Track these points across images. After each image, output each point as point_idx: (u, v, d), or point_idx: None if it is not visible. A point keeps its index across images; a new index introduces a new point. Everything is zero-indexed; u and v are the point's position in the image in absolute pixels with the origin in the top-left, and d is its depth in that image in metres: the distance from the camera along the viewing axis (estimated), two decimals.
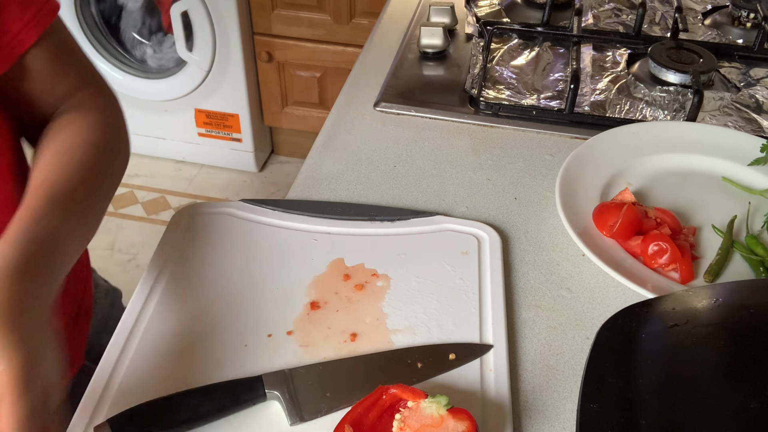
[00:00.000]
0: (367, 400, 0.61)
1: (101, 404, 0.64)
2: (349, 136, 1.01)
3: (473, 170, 0.95)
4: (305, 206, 0.85)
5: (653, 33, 1.24)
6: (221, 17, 2.24)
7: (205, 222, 0.83)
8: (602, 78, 1.11)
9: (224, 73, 2.35)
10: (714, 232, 0.85)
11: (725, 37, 1.24)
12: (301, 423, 0.63)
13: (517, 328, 0.74)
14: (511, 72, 1.12)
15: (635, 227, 0.81)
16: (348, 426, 0.59)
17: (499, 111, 1.05)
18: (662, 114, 1.04)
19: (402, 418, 0.59)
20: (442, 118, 1.05)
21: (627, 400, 0.56)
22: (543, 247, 0.84)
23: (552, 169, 0.95)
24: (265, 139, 2.69)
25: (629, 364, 0.59)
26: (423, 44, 1.17)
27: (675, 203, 0.88)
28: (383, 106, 1.06)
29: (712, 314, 0.63)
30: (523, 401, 0.67)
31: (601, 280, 0.79)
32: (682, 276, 0.78)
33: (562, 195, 0.85)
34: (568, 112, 1.04)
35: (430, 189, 0.92)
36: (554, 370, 0.70)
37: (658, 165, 0.95)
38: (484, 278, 0.77)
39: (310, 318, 0.73)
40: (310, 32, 2.31)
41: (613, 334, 0.62)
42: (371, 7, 2.20)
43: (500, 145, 1.00)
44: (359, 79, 1.14)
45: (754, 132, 1.01)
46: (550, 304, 0.77)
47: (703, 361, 0.58)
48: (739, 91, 1.09)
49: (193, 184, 2.64)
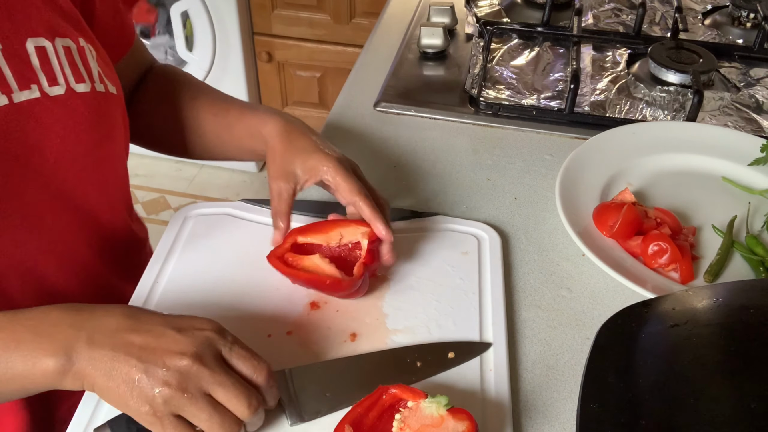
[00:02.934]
0: (367, 401, 0.61)
1: (101, 404, 0.64)
2: (349, 136, 1.01)
3: (473, 170, 0.95)
4: (305, 206, 0.85)
5: (653, 33, 1.24)
6: (221, 17, 2.24)
7: (205, 222, 0.83)
8: (602, 78, 1.11)
9: (224, 73, 2.35)
10: (714, 232, 0.85)
11: (725, 37, 1.24)
12: (301, 423, 0.63)
13: (517, 328, 0.74)
14: (511, 72, 1.12)
15: (635, 227, 0.81)
16: (348, 426, 0.59)
17: (499, 111, 1.05)
18: (662, 114, 1.04)
19: (402, 418, 0.59)
20: (442, 118, 1.05)
21: (627, 400, 0.56)
22: (543, 247, 0.84)
23: (552, 169, 0.95)
24: None
25: (629, 364, 0.59)
26: (423, 44, 1.17)
27: (675, 203, 0.88)
28: (383, 106, 1.06)
29: (712, 314, 0.63)
30: (523, 401, 0.67)
31: (601, 280, 0.79)
32: (682, 276, 0.78)
33: (562, 195, 0.85)
34: (568, 112, 1.04)
35: (430, 189, 0.92)
36: (554, 370, 0.70)
37: (658, 165, 0.95)
38: (484, 278, 0.77)
39: (309, 318, 0.73)
40: (310, 32, 2.31)
41: (613, 334, 0.62)
42: (371, 7, 2.20)
43: (500, 145, 1.00)
44: (359, 79, 1.14)
45: (754, 132, 1.01)
46: (550, 304, 0.77)
47: (703, 361, 0.58)
48: (739, 91, 1.09)
49: (193, 184, 2.64)
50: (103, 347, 0.56)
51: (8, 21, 0.66)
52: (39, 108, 0.67)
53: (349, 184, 0.73)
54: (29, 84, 0.67)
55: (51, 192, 0.70)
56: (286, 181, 0.75)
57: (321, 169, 0.74)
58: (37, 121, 0.67)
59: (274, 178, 0.75)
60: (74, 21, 0.73)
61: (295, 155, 0.75)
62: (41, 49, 0.68)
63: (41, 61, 0.68)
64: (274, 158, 0.76)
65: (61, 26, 0.71)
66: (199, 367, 0.56)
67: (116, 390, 0.56)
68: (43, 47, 0.68)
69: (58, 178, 0.70)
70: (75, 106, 0.70)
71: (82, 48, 0.72)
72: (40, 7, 0.69)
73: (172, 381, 0.55)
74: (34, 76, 0.67)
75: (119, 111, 0.77)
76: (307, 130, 0.79)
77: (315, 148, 0.75)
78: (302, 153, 0.75)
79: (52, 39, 0.69)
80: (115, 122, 0.76)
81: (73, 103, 0.70)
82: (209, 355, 0.57)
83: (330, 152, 0.75)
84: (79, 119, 0.70)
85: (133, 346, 0.57)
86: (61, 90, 0.69)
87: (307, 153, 0.75)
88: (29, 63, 0.67)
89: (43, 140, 0.68)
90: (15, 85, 0.66)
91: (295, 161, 0.75)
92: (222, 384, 0.57)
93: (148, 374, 0.56)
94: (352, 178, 0.74)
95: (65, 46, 0.70)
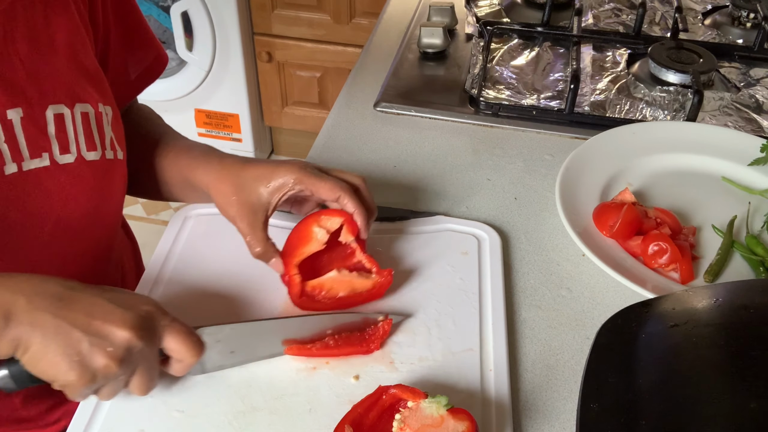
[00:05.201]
0: (368, 400, 0.61)
1: (98, 409, 0.64)
2: (349, 136, 1.01)
3: (473, 170, 0.95)
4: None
5: (653, 33, 1.24)
6: (221, 17, 2.24)
7: (205, 222, 0.83)
8: (602, 78, 1.11)
9: (224, 73, 2.35)
10: (714, 232, 0.85)
11: (725, 37, 1.24)
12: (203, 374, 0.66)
13: (517, 328, 0.74)
14: (511, 72, 1.12)
15: (635, 227, 0.81)
16: (348, 426, 0.59)
17: (499, 111, 1.05)
18: (662, 114, 1.04)
19: (402, 419, 0.59)
20: (442, 118, 1.05)
21: (627, 400, 0.56)
22: (543, 247, 0.84)
23: (552, 169, 0.95)
24: (265, 139, 2.68)
25: (629, 364, 0.59)
26: (423, 44, 1.17)
27: (675, 203, 0.88)
28: (383, 106, 1.06)
29: (712, 314, 0.63)
30: (523, 401, 0.67)
31: (601, 280, 0.79)
32: (682, 276, 0.78)
33: (562, 195, 0.85)
34: (568, 112, 1.04)
35: (430, 189, 0.92)
36: (554, 370, 0.70)
37: (658, 165, 0.95)
38: (484, 278, 0.77)
39: None
40: (310, 32, 2.30)
41: (613, 334, 0.62)
42: (371, 7, 2.20)
43: (500, 145, 1.00)
44: (359, 79, 1.14)
45: (754, 132, 1.01)
46: (550, 304, 0.77)
47: (703, 361, 0.58)
48: (739, 91, 1.09)
49: None
50: (45, 312, 0.55)
51: (34, 87, 0.66)
52: (46, 175, 0.67)
53: (326, 182, 0.71)
54: (41, 152, 0.66)
55: (43, 256, 0.70)
56: (254, 213, 0.72)
57: (288, 183, 0.71)
58: (42, 189, 0.67)
59: (239, 218, 0.72)
60: (96, 81, 0.73)
61: (253, 184, 0.72)
62: (59, 117, 0.68)
63: (57, 128, 0.68)
64: (228, 201, 0.72)
65: (84, 90, 0.71)
66: (142, 344, 0.57)
67: (52, 358, 0.55)
68: (62, 114, 0.68)
69: (53, 243, 0.70)
70: (82, 173, 0.70)
71: (100, 114, 0.72)
72: (66, 71, 0.69)
73: (115, 356, 0.56)
74: (48, 145, 0.67)
75: (122, 174, 0.77)
76: (245, 160, 0.74)
77: (271, 168, 0.72)
78: (259, 179, 0.72)
79: (72, 105, 0.69)
80: (117, 187, 0.76)
81: (81, 171, 0.70)
82: (150, 331, 0.58)
83: (288, 163, 0.72)
84: (83, 187, 0.70)
85: (77, 317, 0.56)
86: (71, 158, 0.69)
87: (265, 176, 0.71)
88: (45, 131, 0.67)
89: (45, 207, 0.68)
90: (27, 153, 0.65)
91: (256, 189, 0.71)
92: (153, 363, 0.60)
93: (93, 347, 0.55)
94: (325, 176, 0.72)
95: (83, 112, 0.70)
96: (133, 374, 0.59)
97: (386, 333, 0.69)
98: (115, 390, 0.59)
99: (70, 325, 0.55)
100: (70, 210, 0.70)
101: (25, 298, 0.56)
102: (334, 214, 0.73)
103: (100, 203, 0.74)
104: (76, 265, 0.75)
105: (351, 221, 0.72)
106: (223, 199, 0.73)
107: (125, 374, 0.58)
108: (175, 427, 0.62)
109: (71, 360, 0.55)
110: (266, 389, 0.66)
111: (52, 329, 0.55)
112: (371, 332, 0.69)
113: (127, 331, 0.56)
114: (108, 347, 0.56)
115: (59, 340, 0.55)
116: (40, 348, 0.55)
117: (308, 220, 0.74)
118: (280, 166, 0.72)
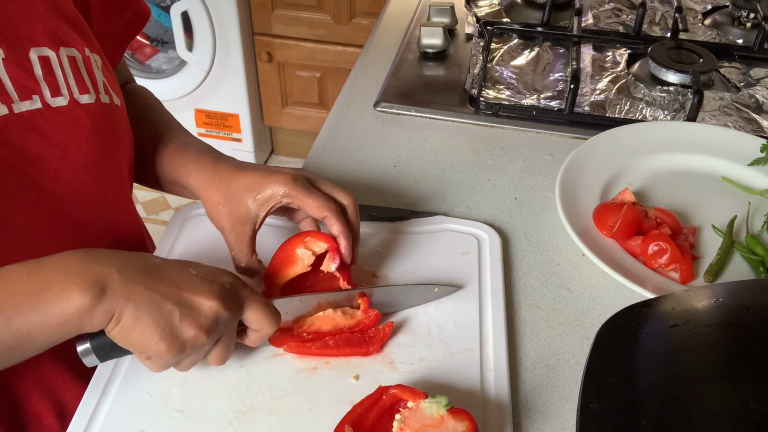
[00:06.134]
0: (368, 401, 0.61)
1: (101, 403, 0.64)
2: (349, 136, 1.01)
3: (473, 170, 0.95)
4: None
5: (653, 33, 1.24)
6: (221, 17, 2.24)
7: (205, 222, 0.83)
8: (602, 78, 1.11)
9: (224, 73, 2.35)
10: (714, 232, 0.85)
11: (725, 37, 1.24)
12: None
13: (517, 328, 0.74)
14: (511, 72, 1.12)
15: (635, 227, 0.81)
16: (348, 426, 0.59)
17: (499, 111, 1.05)
18: (662, 114, 1.04)
19: (402, 419, 0.59)
20: (442, 118, 1.05)
21: (627, 400, 0.56)
22: (543, 247, 0.84)
23: (552, 169, 0.95)
24: (265, 139, 2.68)
25: (629, 364, 0.59)
26: (423, 44, 1.17)
27: (675, 203, 0.88)
28: (383, 106, 1.06)
29: (712, 314, 0.63)
30: (523, 401, 0.67)
31: (601, 280, 0.79)
32: (682, 276, 0.78)
33: (562, 195, 0.85)
34: (568, 112, 1.04)
35: (430, 189, 0.92)
36: (554, 370, 0.70)
37: (658, 165, 0.95)
38: (484, 278, 0.77)
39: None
40: (310, 32, 2.31)
41: (613, 334, 0.62)
42: (371, 7, 2.20)
43: (500, 145, 1.00)
44: (359, 79, 1.14)
45: (754, 132, 1.01)
46: (550, 304, 0.77)
47: (703, 361, 0.58)
48: (739, 91, 1.09)
49: None
50: (137, 284, 0.57)
51: (12, 30, 0.66)
52: (40, 119, 0.66)
53: (315, 200, 0.69)
54: (30, 94, 0.66)
55: (46, 207, 0.69)
56: (242, 225, 0.71)
57: (277, 196, 0.69)
58: (38, 132, 0.66)
59: (227, 230, 0.71)
60: (80, 29, 0.72)
61: (242, 194, 0.70)
62: (45, 59, 0.67)
63: (44, 71, 0.67)
64: (217, 211, 0.72)
65: (67, 35, 0.70)
66: (228, 314, 0.59)
67: (145, 329, 0.57)
68: (47, 57, 0.67)
69: (55, 192, 0.69)
70: (78, 117, 0.69)
71: (88, 58, 0.71)
72: (45, 16, 0.68)
73: (204, 326, 0.58)
74: (36, 87, 0.67)
75: (124, 123, 0.76)
76: (237, 166, 0.73)
77: (261, 177, 0.70)
78: (248, 189, 0.70)
79: (57, 49, 0.68)
80: (119, 135, 0.75)
81: (76, 115, 0.69)
82: (234, 302, 0.60)
83: (279, 173, 0.70)
84: (82, 131, 0.69)
85: (168, 289, 0.58)
86: (64, 101, 0.68)
87: (255, 186, 0.70)
88: (32, 73, 0.66)
89: (44, 152, 0.67)
90: (15, 95, 0.65)
91: (245, 201, 0.70)
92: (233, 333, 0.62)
93: (183, 318, 0.57)
94: (314, 193, 0.70)
95: (70, 56, 0.69)
96: (215, 345, 0.61)
97: (386, 336, 0.69)
98: (196, 360, 0.61)
99: (161, 296, 0.57)
100: (71, 156, 0.69)
101: (118, 271, 0.57)
102: (320, 238, 0.71)
103: (103, 153, 0.72)
104: (85, 235, 0.74)
105: (335, 249, 0.70)
106: (213, 208, 0.72)
107: (210, 344, 0.60)
108: (175, 427, 0.62)
109: (163, 330, 0.57)
110: (266, 389, 0.66)
111: (145, 301, 0.57)
112: (372, 334, 0.69)
113: (215, 301, 0.59)
114: (198, 318, 0.58)
115: (152, 311, 0.57)
116: (133, 319, 0.56)
117: (294, 240, 0.72)
118: (271, 175, 0.70)
